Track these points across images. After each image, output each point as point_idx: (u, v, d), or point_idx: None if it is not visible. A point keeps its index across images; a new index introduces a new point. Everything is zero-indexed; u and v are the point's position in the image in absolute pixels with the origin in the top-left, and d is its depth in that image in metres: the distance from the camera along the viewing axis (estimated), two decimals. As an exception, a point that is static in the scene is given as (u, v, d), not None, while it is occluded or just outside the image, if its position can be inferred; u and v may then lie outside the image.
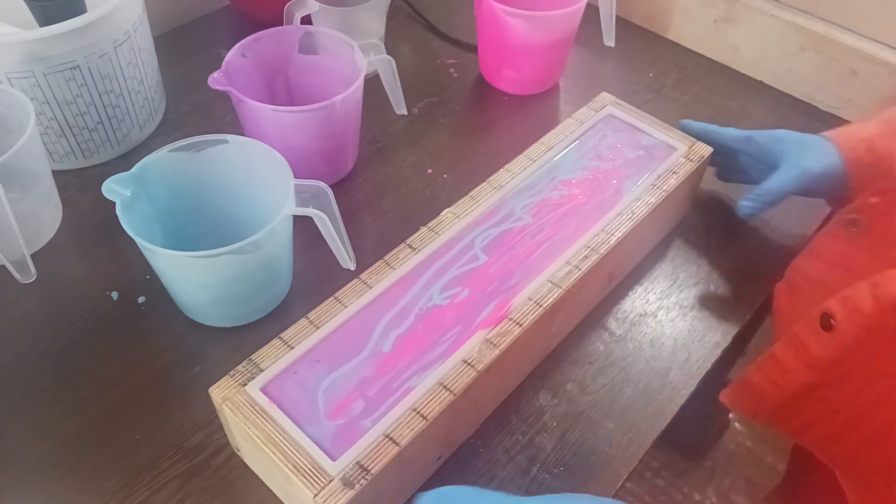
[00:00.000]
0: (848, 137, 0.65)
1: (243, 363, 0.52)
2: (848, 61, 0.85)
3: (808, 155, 0.64)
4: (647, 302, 0.69)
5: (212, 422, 0.58)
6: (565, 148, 0.70)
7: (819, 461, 0.59)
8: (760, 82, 0.93)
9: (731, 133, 0.71)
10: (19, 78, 0.67)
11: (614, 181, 0.67)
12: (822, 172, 0.63)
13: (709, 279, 0.71)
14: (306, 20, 0.82)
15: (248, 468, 0.56)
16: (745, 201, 0.67)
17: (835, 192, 0.65)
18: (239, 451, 0.56)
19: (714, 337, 0.66)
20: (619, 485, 0.57)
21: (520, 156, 0.68)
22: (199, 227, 0.65)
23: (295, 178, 0.58)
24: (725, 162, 0.74)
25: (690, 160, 0.69)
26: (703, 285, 0.70)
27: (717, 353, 0.65)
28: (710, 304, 0.69)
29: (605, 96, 0.75)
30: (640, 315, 0.68)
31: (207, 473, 0.56)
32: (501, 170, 0.67)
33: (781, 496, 0.77)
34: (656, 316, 0.68)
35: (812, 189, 0.65)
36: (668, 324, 0.67)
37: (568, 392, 0.62)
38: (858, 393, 0.53)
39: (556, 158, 0.69)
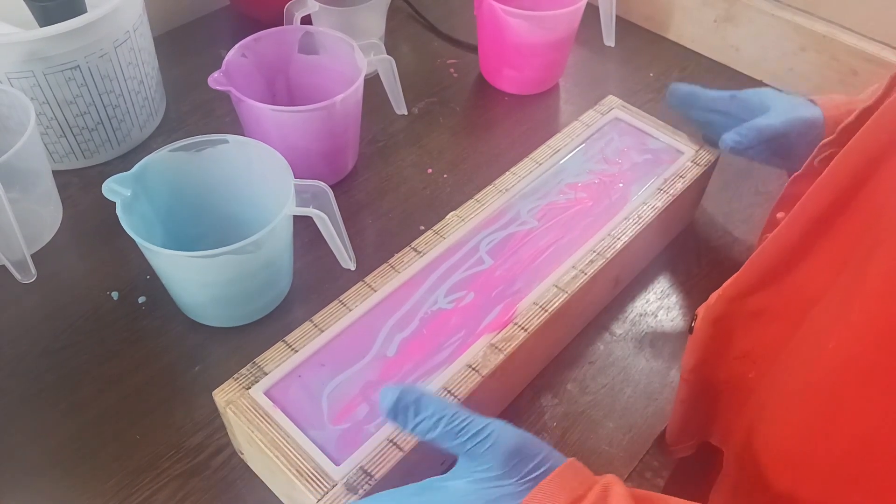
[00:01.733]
0: (832, 101, 0.65)
1: (247, 366, 0.52)
2: (848, 61, 0.85)
3: (795, 104, 0.64)
4: (647, 302, 0.69)
5: (212, 422, 0.58)
6: (571, 151, 0.70)
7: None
8: (761, 82, 0.93)
9: (715, 94, 0.69)
10: (19, 78, 0.66)
11: (621, 185, 0.67)
12: (808, 119, 0.63)
13: (709, 278, 0.71)
14: (306, 20, 0.82)
15: (249, 468, 0.56)
16: (731, 133, 0.64)
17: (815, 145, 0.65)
18: (242, 454, 0.56)
19: (714, 338, 0.66)
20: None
21: (525, 159, 0.68)
22: (200, 227, 0.65)
23: (295, 177, 0.58)
24: (710, 125, 0.71)
25: (697, 164, 0.69)
26: (703, 285, 0.70)
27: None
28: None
29: (611, 99, 0.75)
30: (641, 315, 0.68)
31: (208, 473, 0.56)
32: (507, 173, 0.67)
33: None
34: (657, 316, 0.68)
35: (796, 136, 0.64)
36: (669, 323, 0.67)
37: (568, 392, 0.62)
38: (728, 391, 0.55)
39: (562, 162, 0.69)
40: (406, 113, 0.78)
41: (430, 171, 0.79)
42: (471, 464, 0.40)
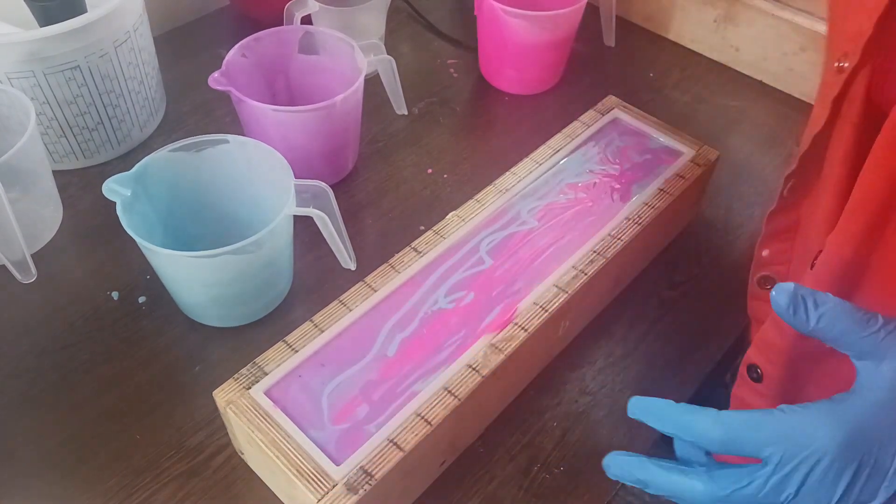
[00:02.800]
0: None
1: (247, 366, 0.52)
2: (848, 62, 0.85)
3: None
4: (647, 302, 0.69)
5: (212, 422, 0.58)
6: (572, 151, 0.70)
7: None
8: (761, 82, 0.93)
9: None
10: (20, 78, 0.66)
11: (621, 185, 0.67)
12: None
13: (710, 279, 0.71)
14: (306, 20, 0.82)
15: (249, 468, 0.56)
16: None
17: None
18: (243, 454, 0.56)
19: (715, 337, 0.66)
20: (620, 485, 0.57)
21: (525, 159, 0.68)
22: (200, 227, 0.65)
23: (295, 177, 0.58)
24: None
25: (698, 164, 0.69)
26: (703, 285, 0.70)
27: (718, 354, 0.66)
28: (711, 303, 0.69)
29: (611, 99, 0.75)
30: (640, 315, 0.68)
31: (208, 473, 0.56)
32: (507, 173, 0.67)
33: None
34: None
35: None
36: (669, 324, 0.67)
37: (568, 392, 0.62)
38: None
39: (562, 162, 0.69)
40: (406, 113, 0.79)
41: (430, 171, 0.79)
42: (877, 364, 0.36)
